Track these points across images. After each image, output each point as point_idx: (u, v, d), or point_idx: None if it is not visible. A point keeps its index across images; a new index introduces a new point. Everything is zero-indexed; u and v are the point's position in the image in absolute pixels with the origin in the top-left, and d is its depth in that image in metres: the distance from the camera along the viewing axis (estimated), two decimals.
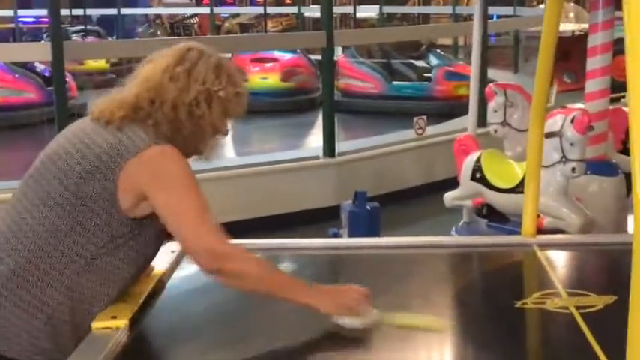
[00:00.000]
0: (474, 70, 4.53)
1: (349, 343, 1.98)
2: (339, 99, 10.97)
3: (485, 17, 7.88)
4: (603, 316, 2.08)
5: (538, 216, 3.51)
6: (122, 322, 1.95)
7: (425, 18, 18.40)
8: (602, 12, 3.85)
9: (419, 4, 20.53)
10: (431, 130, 7.32)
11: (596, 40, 3.89)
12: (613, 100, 4.44)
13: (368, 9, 16.45)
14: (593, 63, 3.92)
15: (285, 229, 5.61)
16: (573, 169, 3.48)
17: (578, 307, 2.13)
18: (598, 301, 2.17)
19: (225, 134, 2.17)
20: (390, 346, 1.97)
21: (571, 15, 13.96)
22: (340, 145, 6.85)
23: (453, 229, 4.30)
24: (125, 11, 18.05)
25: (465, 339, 2.10)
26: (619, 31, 2.79)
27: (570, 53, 11.28)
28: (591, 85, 3.96)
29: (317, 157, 6.64)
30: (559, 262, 2.68)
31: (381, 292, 2.34)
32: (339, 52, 11.75)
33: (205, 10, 18.50)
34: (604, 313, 2.09)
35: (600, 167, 3.84)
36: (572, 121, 3.45)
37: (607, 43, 3.88)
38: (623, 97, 5.98)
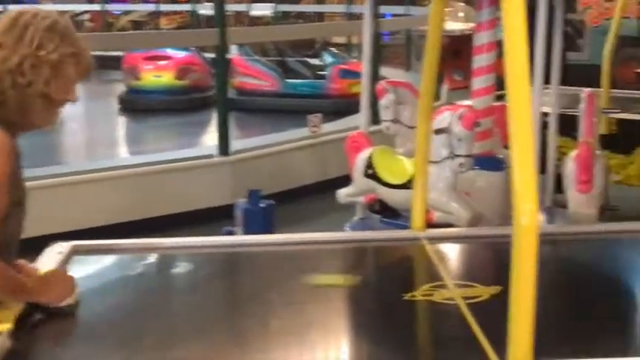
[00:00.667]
0: (364, 68, 4.59)
1: (241, 340, 1.98)
2: (234, 97, 10.94)
3: (376, 16, 7.99)
4: (488, 306, 2.14)
5: (428, 211, 3.59)
6: (4, 327, 1.89)
7: (320, 16, 18.50)
8: (487, 11, 3.95)
9: (313, 3, 20.62)
10: (325, 127, 7.38)
11: (481, 38, 3.98)
12: (499, 97, 4.56)
13: (262, 7, 16.45)
14: (479, 61, 4.00)
15: (180, 229, 5.55)
16: (461, 165, 3.55)
17: (465, 299, 2.19)
18: (484, 292, 2.24)
19: (74, 100, 2.05)
20: (285, 343, 1.98)
21: (461, 14, 14.28)
22: (235, 144, 6.83)
23: (347, 225, 4.34)
24: (11, 7, 17.49)
25: (355, 332, 2.13)
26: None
27: (460, 52, 11.54)
28: (477, 83, 4.04)
29: (211, 156, 6.60)
30: (447, 254, 2.75)
31: (274, 288, 2.36)
32: (234, 50, 11.71)
33: (97, 7, 18.12)
34: (489, 303, 2.16)
35: (487, 162, 3.93)
36: (459, 117, 3.53)
37: (492, 41, 3.99)
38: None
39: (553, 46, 4.26)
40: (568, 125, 4.59)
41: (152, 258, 2.69)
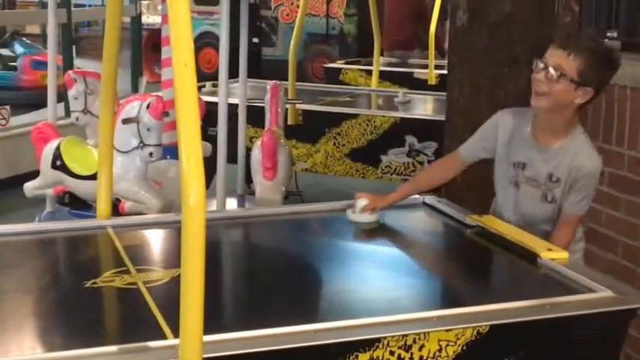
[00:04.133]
0: (50, 58, 4.45)
1: None
2: None
3: (68, 6, 7.78)
4: (167, 288, 2.21)
5: (120, 200, 3.58)
6: None
7: (11, 4, 17.57)
8: None
9: None
10: (16, 120, 7.08)
11: (168, 30, 4.03)
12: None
13: None
14: (167, 52, 4.04)
15: None
16: (151, 154, 3.59)
17: (145, 282, 2.25)
18: (165, 276, 2.31)
19: None
20: None
21: (159, 8, 14.27)
22: None
23: (36, 218, 4.20)
24: None
25: (33, 323, 2.10)
26: (201, 25, 2.91)
27: (159, 45, 11.58)
28: (167, 74, 4.07)
29: None
30: (131, 241, 2.76)
31: None
32: None
33: None
34: (168, 285, 2.23)
35: (177, 152, 4.01)
36: (147, 107, 3.56)
37: None
38: (204, 86, 6.31)
39: (240, 40, 4.40)
40: (259, 116, 4.79)
41: None
